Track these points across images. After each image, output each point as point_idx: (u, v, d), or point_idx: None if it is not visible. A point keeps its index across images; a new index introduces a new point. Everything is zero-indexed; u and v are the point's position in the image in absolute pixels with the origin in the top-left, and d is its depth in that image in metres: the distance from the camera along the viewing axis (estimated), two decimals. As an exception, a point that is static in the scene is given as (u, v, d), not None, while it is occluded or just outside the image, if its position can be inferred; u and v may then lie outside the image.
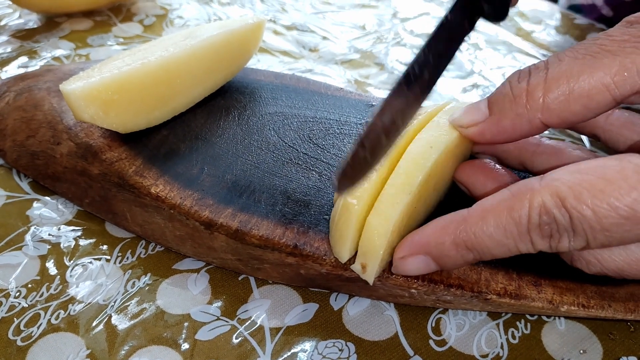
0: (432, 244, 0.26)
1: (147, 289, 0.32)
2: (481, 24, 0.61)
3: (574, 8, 0.68)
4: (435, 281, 0.28)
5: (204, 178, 0.33)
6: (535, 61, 0.55)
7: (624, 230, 0.23)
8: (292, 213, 0.31)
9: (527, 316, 0.31)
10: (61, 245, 0.34)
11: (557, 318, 0.31)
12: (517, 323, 0.31)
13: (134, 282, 0.32)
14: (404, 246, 0.27)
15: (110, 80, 0.33)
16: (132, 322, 0.30)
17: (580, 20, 0.64)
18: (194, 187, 0.32)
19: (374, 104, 0.40)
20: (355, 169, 0.24)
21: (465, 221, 0.25)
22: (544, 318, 0.31)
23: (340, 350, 0.29)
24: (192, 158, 0.34)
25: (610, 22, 0.64)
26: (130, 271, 0.32)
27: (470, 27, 0.32)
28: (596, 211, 0.23)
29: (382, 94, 0.50)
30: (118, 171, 0.33)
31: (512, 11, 0.65)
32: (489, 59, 0.56)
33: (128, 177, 0.33)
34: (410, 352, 0.29)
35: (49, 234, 0.35)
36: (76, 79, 0.34)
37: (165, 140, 0.36)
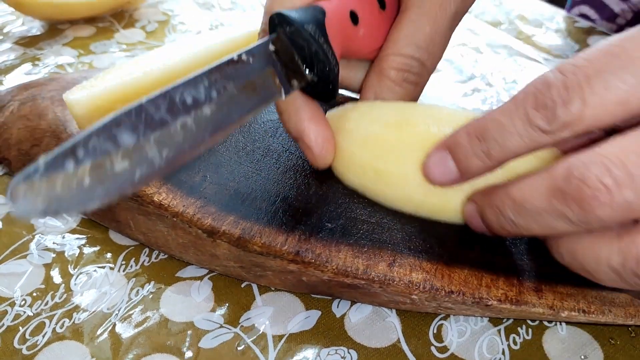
0: (451, 136, 0.27)
1: (150, 297, 0.32)
2: (481, 27, 0.62)
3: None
4: (436, 287, 0.28)
5: (207, 186, 0.33)
6: (536, 65, 0.55)
7: (615, 68, 0.22)
8: (293, 220, 0.31)
9: (529, 321, 0.31)
10: (65, 253, 0.34)
11: (558, 323, 0.31)
12: (519, 329, 0.31)
13: (138, 290, 0.32)
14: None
15: (113, 90, 0.34)
16: (136, 330, 0.30)
17: (582, 23, 0.64)
18: (197, 195, 0.32)
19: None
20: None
21: (480, 115, 0.26)
22: (545, 323, 0.31)
23: (342, 357, 0.29)
24: (194, 166, 0.35)
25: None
26: (134, 279, 0.33)
27: (284, 88, 0.28)
28: (586, 55, 0.23)
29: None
30: (121, 180, 0.33)
31: (512, 14, 0.65)
32: (489, 62, 0.56)
33: (131, 186, 0.33)
34: (412, 359, 0.29)
35: (54, 242, 0.35)
36: (79, 88, 0.34)
37: (168, 148, 0.36)
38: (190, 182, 0.33)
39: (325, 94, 0.30)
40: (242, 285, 0.33)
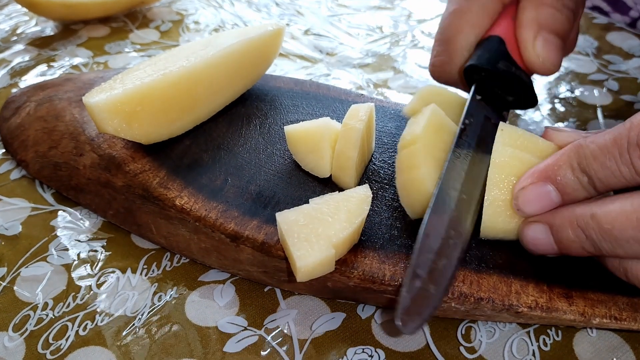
0: (550, 169, 0.28)
1: (174, 302, 0.31)
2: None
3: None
4: (465, 294, 0.27)
5: (228, 189, 0.33)
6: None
7: None
8: (317, 224, 0.31)
9: (557, 326, 0.31)
10: (87, 256, 0.34)
11: (587, 327, 0.31)
12: (548, 331, 0.30)
13: (161, 295, 0.32)
14: (525, 177, 0.28)
15: (133, 92, 0.33)
16: (161, 334, 0.30)
17: (600, 19, 0.63)
18: (219, 199, 0.32)
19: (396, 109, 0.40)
20: (419, 303, 0.23)
21: (580, 146, 0.27)
22: (574, 327, 0.31)
23: (370, 356, 0.29)
24: (215, 168, 0.34)
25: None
26: (157, 284, 0.32)
27: (499, 120, 0.33)
28: None
29: (402, 98, 0.49)
30: (142, 183, 0.33)
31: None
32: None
33: (152, 189, 0.33)
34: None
35: (74, 245, 0.35)
36: (99, 90, 0.34)
37: (188, 150, 0.36)
38: (212, 185, 0.33)
39: (529, 104, 0.34)
40: (265, 290, 0.32)
